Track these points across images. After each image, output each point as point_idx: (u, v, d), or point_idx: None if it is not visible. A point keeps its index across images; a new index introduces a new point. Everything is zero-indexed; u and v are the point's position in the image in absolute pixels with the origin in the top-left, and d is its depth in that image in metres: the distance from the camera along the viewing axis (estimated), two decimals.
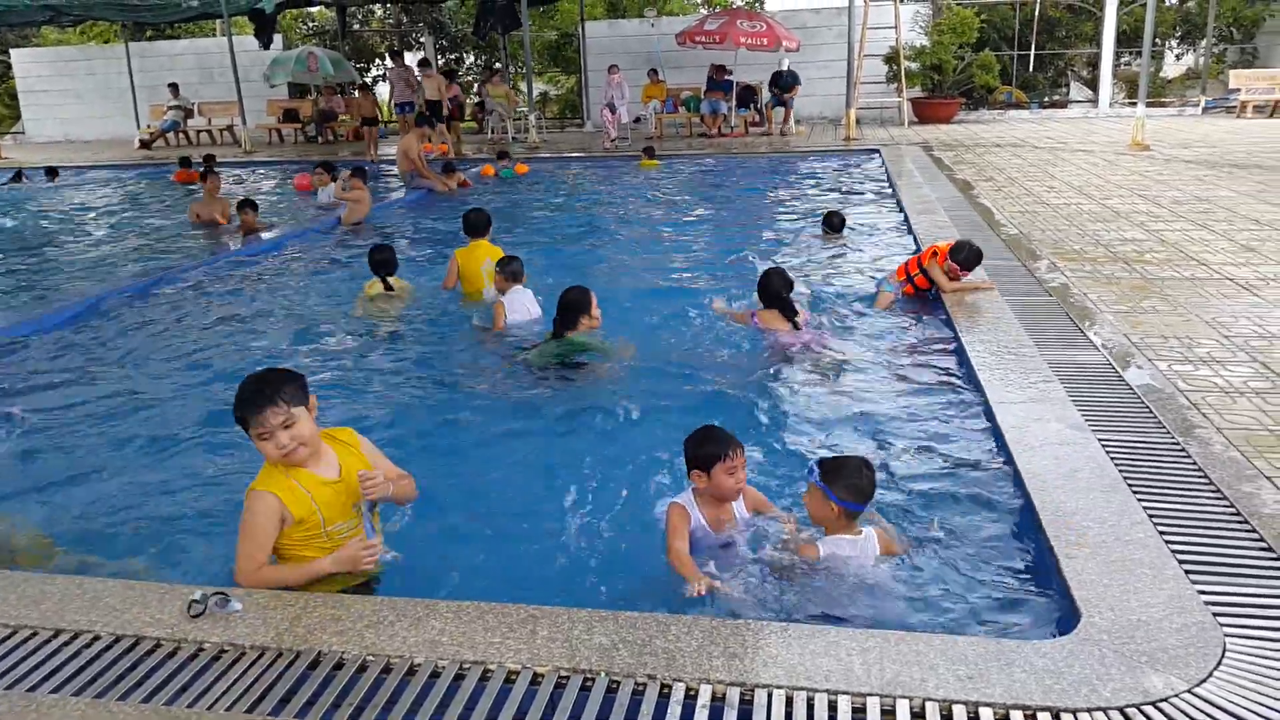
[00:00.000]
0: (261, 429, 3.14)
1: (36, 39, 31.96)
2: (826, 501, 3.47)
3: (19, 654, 2.81)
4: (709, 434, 3.61)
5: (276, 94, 25.13)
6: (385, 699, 2.57)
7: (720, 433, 3.61)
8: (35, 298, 8.74)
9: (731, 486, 3.57)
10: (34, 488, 4.67)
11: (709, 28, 19.99)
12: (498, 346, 6.50)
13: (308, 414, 3.25)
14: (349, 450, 3.41)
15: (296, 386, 3.24)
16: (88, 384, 6.15)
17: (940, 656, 2.65)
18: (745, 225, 11.33)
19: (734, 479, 3.57)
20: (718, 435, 3.59)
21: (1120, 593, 2.95)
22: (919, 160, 14.67)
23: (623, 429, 5.10)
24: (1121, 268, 7.39)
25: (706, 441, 3.58)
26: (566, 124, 26.68)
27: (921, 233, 8.96)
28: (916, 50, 21.90)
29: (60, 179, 18.23)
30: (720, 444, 3.55)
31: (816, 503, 3.52)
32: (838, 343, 6.32)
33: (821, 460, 3.59)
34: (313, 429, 3.26)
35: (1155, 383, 4.83)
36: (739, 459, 3.56)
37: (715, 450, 3.54)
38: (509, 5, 22.40)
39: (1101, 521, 3.39)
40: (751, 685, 2.56)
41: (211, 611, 2.95)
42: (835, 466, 3.51)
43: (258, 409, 3.13)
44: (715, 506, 3.66)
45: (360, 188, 12.28)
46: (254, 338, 7.14)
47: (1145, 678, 2.55)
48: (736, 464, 3.55)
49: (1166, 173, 12.54)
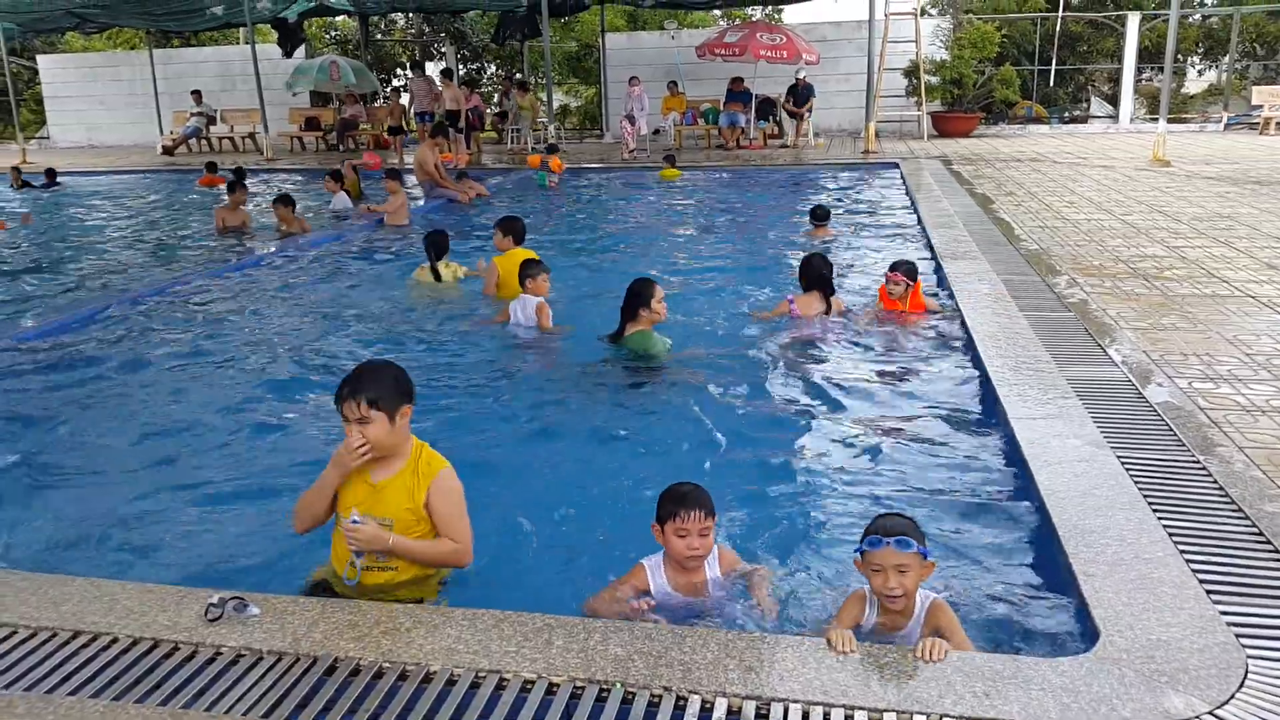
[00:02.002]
0: (343, 417, 3.23)
1: (63, 45, 32.30)
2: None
3: (38, 655, 2.83)
4: (672, 490, 3.31)
5: (298, 102, 25.32)
6: (401, 706, 2.58)
7: (683, 491, 3.29)
8: (89, 291, 9.00)
9: (680, 549, 3.23)
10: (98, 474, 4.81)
11: (729, 40, 20.04)
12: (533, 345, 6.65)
13: (388, 422, 3.22)
14: (415, 477, 3.32)
15: (391, 390, 3.24)
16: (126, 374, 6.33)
17: (957, 673, 2.63)
18: (755, 234, 11.37)
19: (684, 543, 3.22)
20: (677, 493, 3.28)
21: (1140, 612, 2.92)
22: (938, 174, 14.65)
23: (654, 438, 5.13)
24: (1141, 284, 7.35)
25: (667, 496, 3.30)
26: (586, 135, 26.76)
27: (940, 246, 8.94)
28: (937, 64, 21.88)
29: (90, 183, 18.40)
30: (675, 502, 3.25)
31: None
32: (860, 340, 6.44)
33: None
34: (391, 439, 3.26)
35: (1175, 400, 4.80)
36: (691, 522, 3.20)
37: (669, 508, 3.26)
38: (530, 15, 22.51)
39: (1121, 540, 3.37)
40: (768, 699, 2.55)
41: (229, 616, 2.97)
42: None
43: (342, 398, 3.22)
44: (681, 570, 3.33)
45: (396, 190, 12.47)
46: (294, 335, 7.36)
47: (1166, 698, 2.52)
48: (688, 527, 3.21)
49: (1188, 189, 12.48)
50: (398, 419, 3.26)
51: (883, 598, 2.99)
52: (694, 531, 3.21)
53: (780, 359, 6.37)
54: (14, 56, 28.50)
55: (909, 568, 2.95)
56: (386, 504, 3.31)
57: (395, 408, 3.24)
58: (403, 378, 3.33)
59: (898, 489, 4.38)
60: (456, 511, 3.34)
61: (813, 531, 4.04)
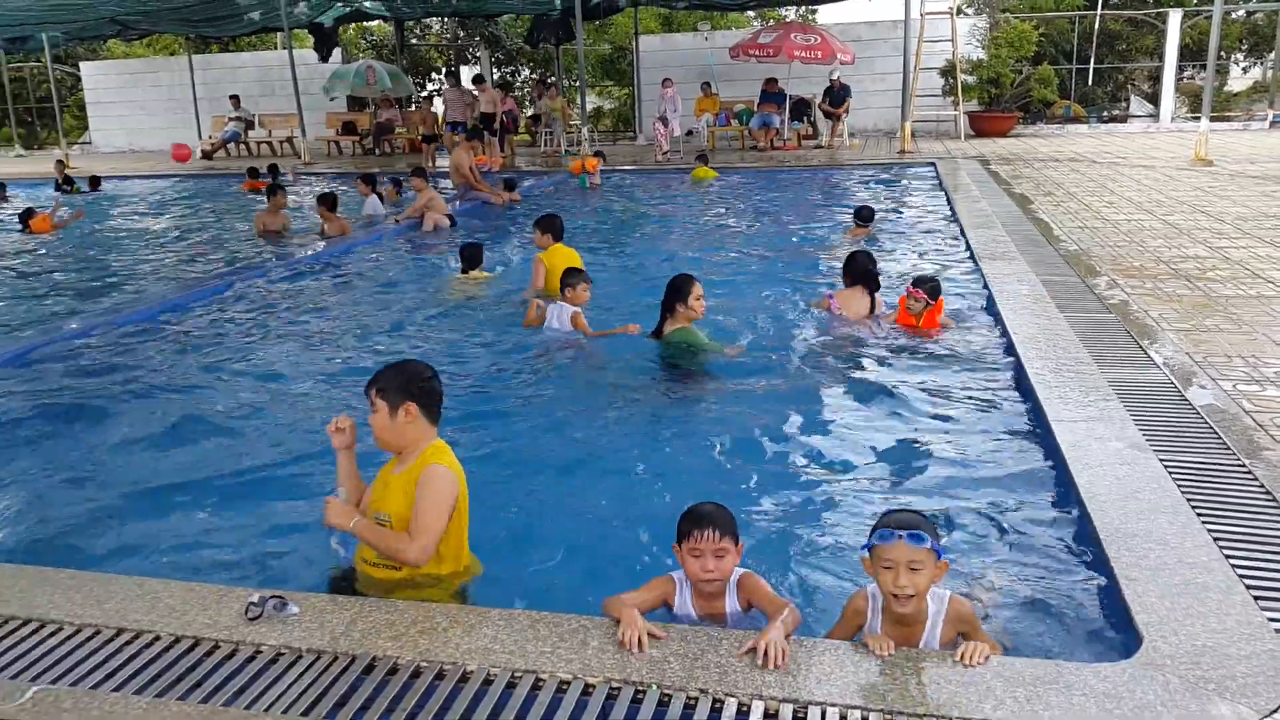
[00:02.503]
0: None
1: (105, 52, 32.83)
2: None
3: (83, 651, 2.88)
4: (691, 508, 3.12)
5: (335, 106, 25.55)
6: (438, 705, 2.59)
7: (702, 508, 3.10)
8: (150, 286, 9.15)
9: (694, 571, 3.05)
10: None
11: (763, 41, 19.96)
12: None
13: (388, 415, 3.38)
14: (413, 477, 3.38)
15: (396, 386, 3.41)
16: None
17: (997, 678, 2.60)
18: (791, 234, 11.34)
19: (698, 564, 3.03)
20: (694, 512, 3.09)
21: (1184, 617, 2.87)
22: (975, 174, 14.51)
23: (689, 442, 5.12)
24: (1183, 285, 7.24)
25: (685, 515, 3.11)
26: (619, 137, 26.78)
27: (978, 247, 8.86)
28: (973, 64, 21.69)
29: (132, 187, 18.68)
30: (691, 521, 3.06)
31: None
32: (898, 341, 6.44)
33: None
34: (390, 433, 3.41)
35: (1219, 402, 4.72)
36: (705, 543, 3.00)
37: (685, 527, 3.07)
38: (563, 18, 22.57)
39: (1164, 544, 3.32)
40: (805, 702, 2.53)
41: (269, 614, 3.00)
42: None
43: (367, 386, 3.50)
44: (701, 593, 3.14)
45: (422, 187, 12.65)
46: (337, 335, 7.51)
47: (1212, 705, 2.48)
48: (702, 548, 3.01)
49: (1231, 188, 12.28)
50: (399, 414, 3.38)
51: (890, 598, 2.82)
52: (708, 553, 3.01)
53: (818, 358, 6.40)
54: (58, 64, 29.04)
55: (922, 565, 2.77)
56: (388, 500, 3.40)
57: (397, 402, 3.37)
58: (416, 379, 3.44)
59: (935, 491, 4.33)
60: (424, 506, 3.31)
61: (846, 537, 4.00)
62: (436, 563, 3.39)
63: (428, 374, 3.50)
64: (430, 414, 3.47)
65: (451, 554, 3.44)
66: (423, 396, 3.43)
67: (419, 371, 3.49)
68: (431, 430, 3.48)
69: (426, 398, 3.45)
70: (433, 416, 3.49)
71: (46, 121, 32.20)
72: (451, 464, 3.41)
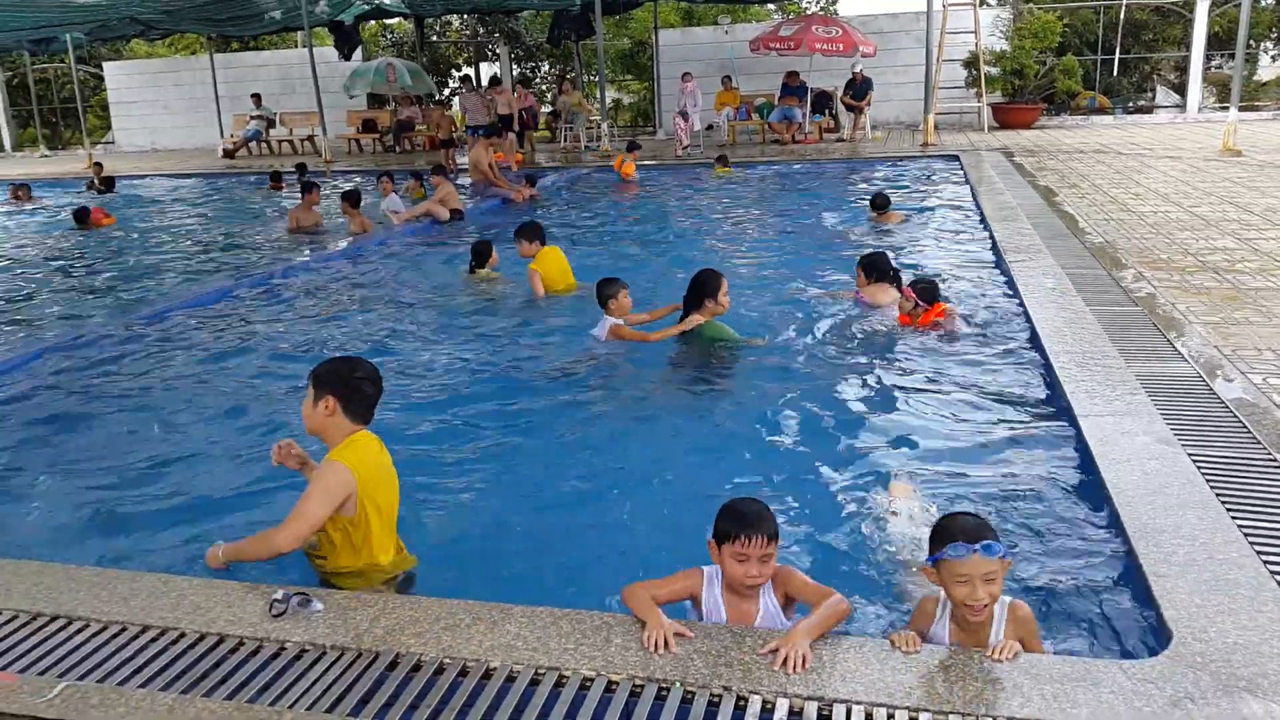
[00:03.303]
0: None
1: (128, 52, 33.09)
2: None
3: (109, 648, 2.90)
4: (734, 506, 2.98)
5: (355, 104, 25.63)
6: (462, 701, 2.59)
7: (747, 508, 2.96)
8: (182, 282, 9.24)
9: (737, 575, 2.92)
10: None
11: (784, 34, 19.86)
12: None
13: (312, 400, 3.54)
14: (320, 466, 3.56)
15: (325, 374, 3.56)
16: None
17: (1025, 675, 2.58)
18: (814, 227, 11.30)
19: (742, 569, 2.90)
20: (740, 510, 2.95)
21: (1214, 614, 2.83)
22: (1000, 166, 14.40)
23: (722, 433, 5.12)
24: (1211, 277, 7.15)
25: (728, 513, 2.96)
26: (639, 131, 26.74)
27: (1003, 240, 8.78)
28: (997, 55, 21.51)
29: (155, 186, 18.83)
30: (736, 523, 2.91)
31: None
32: (922, 337, 6.45)
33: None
34: (310, 420, 3.57)
35: (1248, 396, 4.66)
36: (752, 548, 2.87)
37: (728, 527, 2.92)
38: (583, 14, 22.56)
39: (1193, 539, 3.27)
40: (830, 700, 2.51)
41: (293, 611, 3.01)
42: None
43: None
44: (738, 595, 3.03)
45: (440, 182, 12.84)
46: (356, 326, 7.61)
47: (1243, 703, 2.44)
48: (749, 552, 2.87)
49: (1260, 179, 12.12)
50: (320, 405, 3.51)
51: (965, 610, 2.73)
52: (754, 557, 2.88)
53: (843, 350, 6.40)
54: (81, 64, 29.28)
55: (996, 575, 2.68)
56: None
57: (320, 393, 3.52)
58: (346, 376, 3.55)
59: (961, 485, 4.30)
60: (306, 493, 3.39)
61: (871, 533, 3.98)
62: (352, 555, 3.49)
63: (359, 373, 3.58)
64: (352, 412, 3.54)
65: (365, 546, 3.49)
66: (346, 393, 3.52)
67: (351, 369, 3.58)
68: (353, 427, 3.55)
69: (350, 395, 3.52)
70: (356, 415, 3.55)
71: (70, 122, 32.50)
72: (355, 460, 3.44)
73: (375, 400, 3.62)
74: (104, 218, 14.06)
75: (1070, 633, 3.17)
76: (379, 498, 3.49)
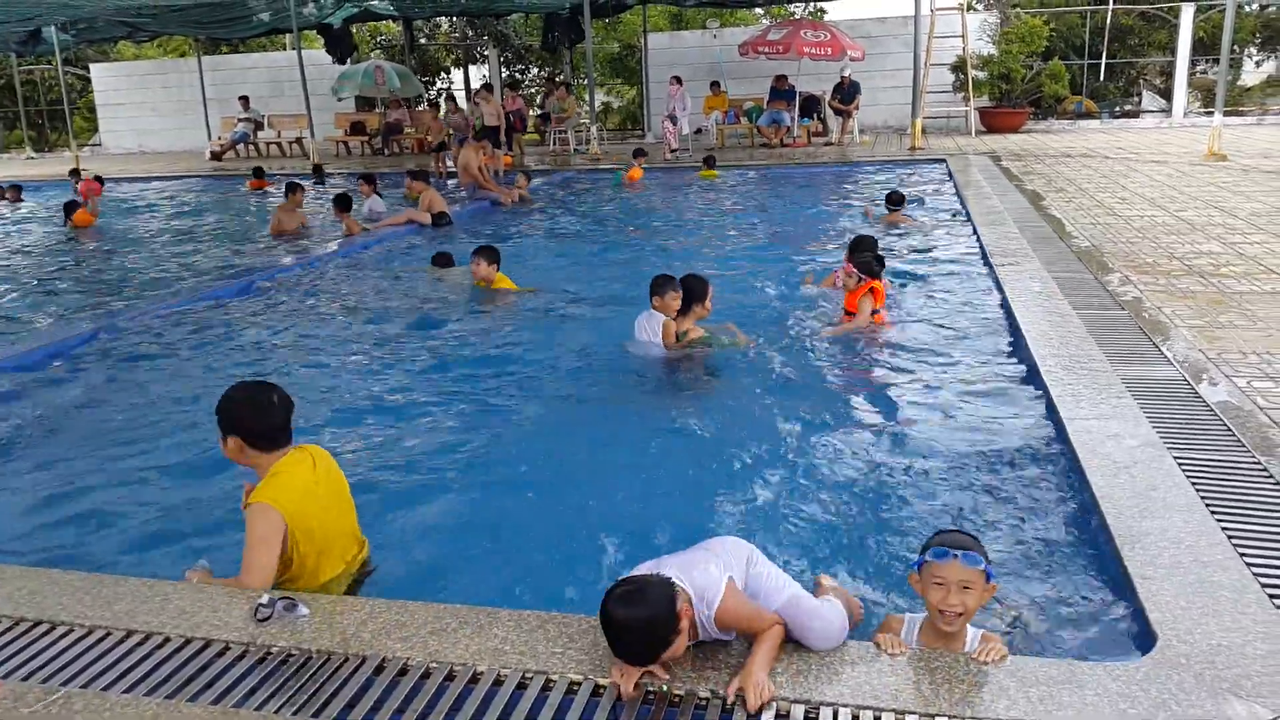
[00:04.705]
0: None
1: (115, 54, 32.95)
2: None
3: (94, 654, 2.88)
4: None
5: (344, 107, 25.59)
6: (449, 706, 2.58)
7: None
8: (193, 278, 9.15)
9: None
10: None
11: (772, 38, 19.91)
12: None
13: (221, 443, 3.47)
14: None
15: (220, 417, 3.45)
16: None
17: (1011, 677, 2.58)
18: (799, 230, 11.33)
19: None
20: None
21: (1199, 616, 2.85)
22: (987, 170, 14.45)
23: (710, 438, 5.13)
24: (1197, 281, 7.19)
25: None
26: (627, 135, 26.76)
27: (990, 244, 8.81)
28: (984, 59, 21.60)
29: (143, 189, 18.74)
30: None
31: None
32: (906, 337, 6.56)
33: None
34: (232, 458, 3.49)
35: (1233, 399, 4.69)
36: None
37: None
38: (573, 17, 22.57)
39: (1178, 542, 3.29)
40: (817, 703, 2.52)
41: (278, 616, 2.99)
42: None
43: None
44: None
45: (423, 189, 12.84)
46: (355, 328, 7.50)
47: (1228, 705, 2.45)
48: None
49: (1245, 184, 12.20)
50: (228, 445, 3.45)
51: (937, 614, 2.76)
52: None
53: (827, 350, 6.47)
54: (68, 66, 29.14)
55: (973, 586, 2.72)
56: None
57: (224, 435, 3.45)
58: (233, 414, 3.43)
59: (946, 489, 4.31)
60: (247, 546, 3.30)
61: (861, 536, 3.99)
62: (311, 576, 3.41)
63: (254, 403, 3.43)
64: (259, 444, 3.43)
65: (311, 569, 3.41)
66: (245, 429, 3.41)
67: (238, 406, 3.43)
68: (268, 457, 3.43)
69: (250, 429, 3.41)
70: (266, 445, 3.43)
71: (57, 124, 32.33)
72: (280, 496, 3.32)
73: (283, 423, 3.46)
74: (86, 216, 14.07)
75: (1057, 635, 3.18)
76: (311, 522, 3.37)
